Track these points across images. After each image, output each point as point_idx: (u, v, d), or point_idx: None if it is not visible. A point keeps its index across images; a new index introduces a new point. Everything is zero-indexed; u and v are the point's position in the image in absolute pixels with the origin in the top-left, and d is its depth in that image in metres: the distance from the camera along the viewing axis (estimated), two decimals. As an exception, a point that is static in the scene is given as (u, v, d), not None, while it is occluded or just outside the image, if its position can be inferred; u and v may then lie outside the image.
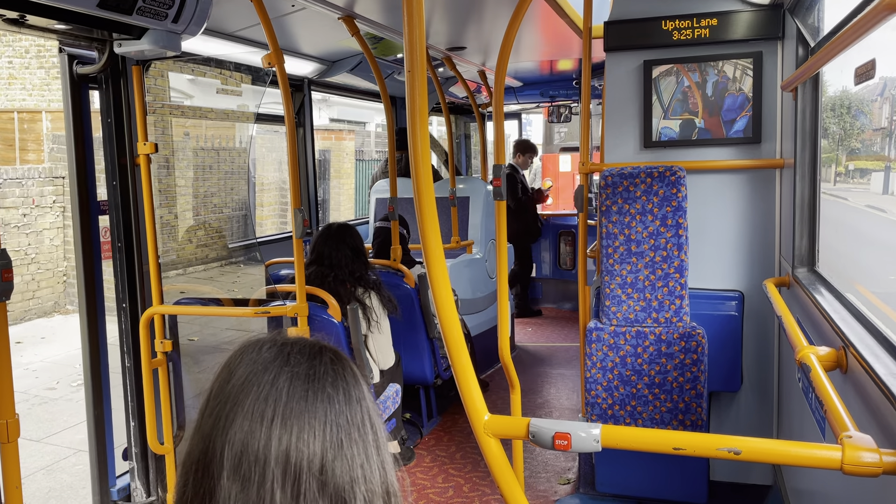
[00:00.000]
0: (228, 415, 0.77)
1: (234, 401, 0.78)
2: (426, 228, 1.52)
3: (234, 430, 0.76)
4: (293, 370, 0.79)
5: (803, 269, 2.79)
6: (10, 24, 2.48)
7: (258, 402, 0.77)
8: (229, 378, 0.80)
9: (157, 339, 3.23)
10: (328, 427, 0.77)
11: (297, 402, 0.77)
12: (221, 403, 0.78)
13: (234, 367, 0.81)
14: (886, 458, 1.27)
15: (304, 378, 0.79)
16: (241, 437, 0.75)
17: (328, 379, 0.80)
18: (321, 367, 0.81)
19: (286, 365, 0.80)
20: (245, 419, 0.76)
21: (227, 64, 4.71)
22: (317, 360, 0.81)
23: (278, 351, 0.82)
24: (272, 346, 0.83)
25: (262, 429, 0.75)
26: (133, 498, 3.38)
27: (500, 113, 2.53)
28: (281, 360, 0.80)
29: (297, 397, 0.77)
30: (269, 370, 0.79)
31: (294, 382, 0.78)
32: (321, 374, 0.80)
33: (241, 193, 8.87)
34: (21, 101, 11.61)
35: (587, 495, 3.36)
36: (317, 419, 0.77)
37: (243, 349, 0.83)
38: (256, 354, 0.82)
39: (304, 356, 0.81)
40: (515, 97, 7.37)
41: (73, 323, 8.50)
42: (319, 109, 14.68)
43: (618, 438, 1.49)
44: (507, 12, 2.61)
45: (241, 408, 0.77)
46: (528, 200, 7.06)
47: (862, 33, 1.53)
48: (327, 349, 0.84)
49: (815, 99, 2.74)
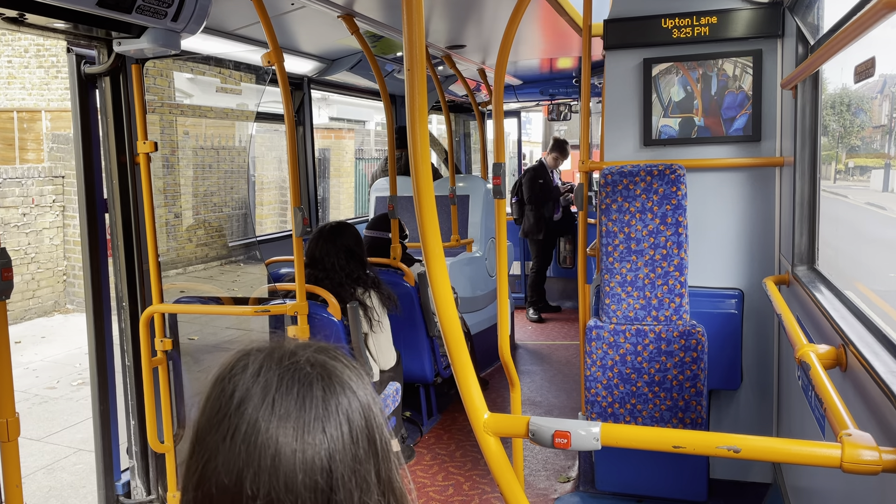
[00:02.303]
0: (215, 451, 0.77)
1: (219, 437, 0.78)
2: (426, 227, 1.52)
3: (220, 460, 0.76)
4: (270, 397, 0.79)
5: (803, 267, 2.80)
6: (10, 22, 2.49)
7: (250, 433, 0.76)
8: (205, 418, 0.80)
9: (157, 337, 3.23)
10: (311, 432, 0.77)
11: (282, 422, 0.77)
12: (209, 445, 0.78)
13: (210, 403, 0.81)
14: (886, 455, 1.27)
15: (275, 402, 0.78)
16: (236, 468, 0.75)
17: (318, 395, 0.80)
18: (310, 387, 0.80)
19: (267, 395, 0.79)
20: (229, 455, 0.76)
21: (226, 62, 4.71)
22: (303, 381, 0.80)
23: (253, 374, 0.81)
24: (242, 371, 0.81)
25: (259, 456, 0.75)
26: (133, 496, 3.39)
27: (500, 111, 2.52)
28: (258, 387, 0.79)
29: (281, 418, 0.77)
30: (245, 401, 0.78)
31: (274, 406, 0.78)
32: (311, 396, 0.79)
33: (240, 192, 8.87)
34: (21, 100, 11.61)
35: (587, 493, 3.36)
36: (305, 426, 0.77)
37: (213, 385, 0.82)
38: (224, 388, 0.81)
39: (276, 372, 0.80)
40: (515, 95, 7.37)
41: (73, 322, 8.50)
42: (319, 108, 14.66)
43: (618, 437, 1.49)
44: (506, 10, 2.60)
45: (224, 445, 0.77)
46: (544, 197, 7.03)
47: (861, 31, 1.53)
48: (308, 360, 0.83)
49: (815, 97, 2.74)
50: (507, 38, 2.52)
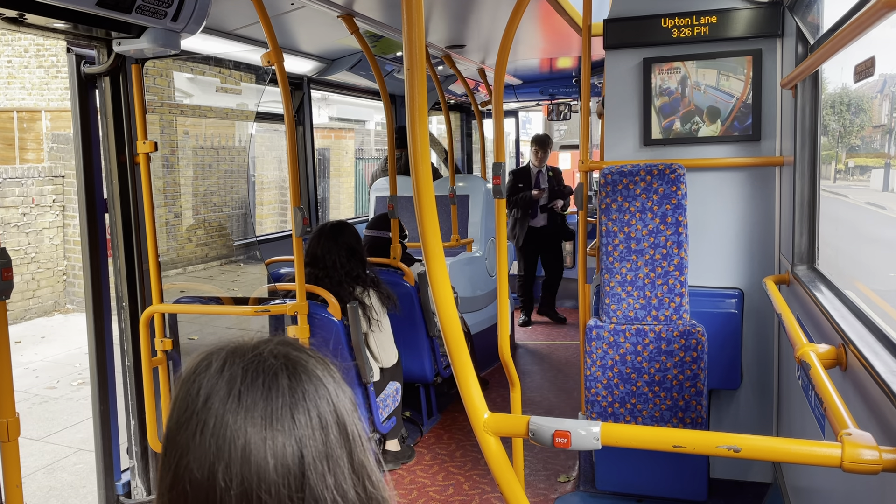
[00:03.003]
0: (188, 445, 0.78)
1: (189, 433, 0.78)
2: (426, 226, 1.52)
3: (196, 454, 0.77)
4: (234, 388, 0.79)
5: (803, 267, 2.80)
6: (10, 22, 2.49)
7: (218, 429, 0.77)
8: (181, 412, 0.80)
9: (157, 337, 3.23)
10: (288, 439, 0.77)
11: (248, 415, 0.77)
12: (179, 444, 0.78)
13: (178, 403, 0.81)
14: (886, 455, 1.27)
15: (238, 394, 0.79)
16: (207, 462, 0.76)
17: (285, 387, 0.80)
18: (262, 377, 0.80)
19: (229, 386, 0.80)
20: (201, 447, 0.77)
21: (226, 62, 4.71)
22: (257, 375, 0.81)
23: (216, 372, 0.81)
24: (206, 371, 0.82)
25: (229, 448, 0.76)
26: (133, 496, 3.39)
27: (500, 111, 2.52)
28: (225, 383, 0.80)
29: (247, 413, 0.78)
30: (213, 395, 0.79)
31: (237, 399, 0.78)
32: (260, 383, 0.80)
33: (240, 192, 8.87)
34: (20, 100, 11.61)
35: (587, 493, 3.36)
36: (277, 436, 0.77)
37: (182, 381, 0.83)
38: (192, 384, 0.81)
39: (240, 371, 0.81)
40: (515, 95, 7.36)
41: (73, 322, 8.50)
42: (319, 108, 14.66)
43: (618, 436, 1.50)
44: (506, 10, 2.60)
45: (198, 437, 0.77)
46: (521, 199, 6.57)
47: (861, 31, 1.53)
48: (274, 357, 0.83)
49: (815, 96, 2.74)
50: (507, 38, 2.52)
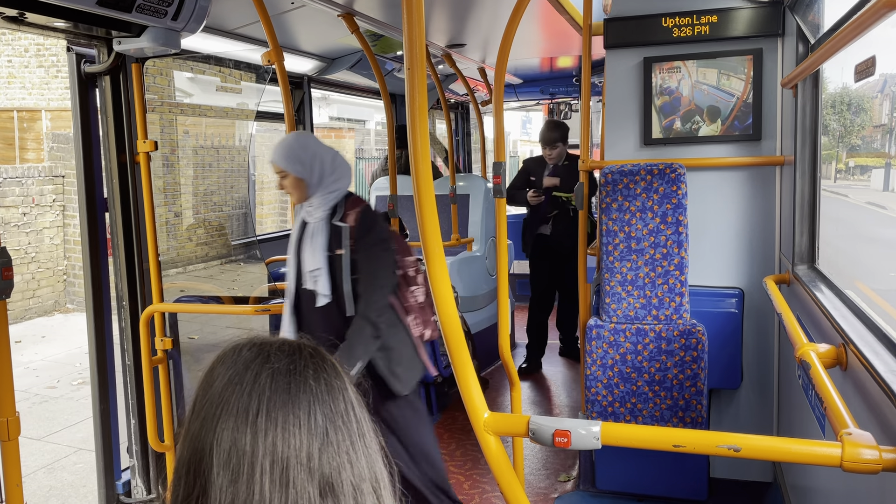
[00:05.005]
0: (215, 414, 0.79)
1: (218, 401, 0.80)
2: (426, 226, 1.52)
3: (221, 428, 0.78)
4: (274, 366, 0.82)
5: (803, 266, 2.79)
6: (10, 21, 2.49)
7: (242, 399, 0.79)
8: (212, 381, 0.83)
9: (158, 336, 3.23)
10: (312, 417, 0.79)
11: (281, 396, 0.79)
12: (207, 405, 0.81)
13: (216, 370, 0.84)
14: (886, 454, 1.27)
15: (285, 373, 0.81)
16: (229, 433, 0.78)
17: (309, 372, 0.82)
18: (301, 361, 0.83)
19: (266, 362, 0.82)
20: (230, 416, 0.78)
21: (226, 61, 4.71)
22: (296, 356, 0.84)
23: (258, 350, 0.84)
24: (251, 347, 0.85)
25: (248, 424, 0.78)
26: (134, 495, 3.39)
27: (500, 110, 2.52)
28: (261, 358, 0.83)
29: (280, 391, 0.80)
30: (251, 368, 0.81)
31: (276, 377, 0.81)
32: (302, 367, 0.83)
33: (240, 191, 8.87)
34: (20, 99, 11.60)
35: (587, 492, 3.36)
36: (301, 410, 0.79)
37: (223, 354, 0.86)
38: (236, 356, 0.84)
39: (283, 353, 0.84)
40: (515, 94, 7.36)
41: (73, 322, 8.50)
42: (319, 107, 14.66)
43: (618, 436, 1.49)
44: (506, 9, 2.60)
45: (226, 406, 0.79)
46: (519, 195, 5.38)
47: (862, 30, 1.53)
48: (306, 345, 0.87)
49: (816, 96, 2.74)
50: (508, 37, 2.52)
